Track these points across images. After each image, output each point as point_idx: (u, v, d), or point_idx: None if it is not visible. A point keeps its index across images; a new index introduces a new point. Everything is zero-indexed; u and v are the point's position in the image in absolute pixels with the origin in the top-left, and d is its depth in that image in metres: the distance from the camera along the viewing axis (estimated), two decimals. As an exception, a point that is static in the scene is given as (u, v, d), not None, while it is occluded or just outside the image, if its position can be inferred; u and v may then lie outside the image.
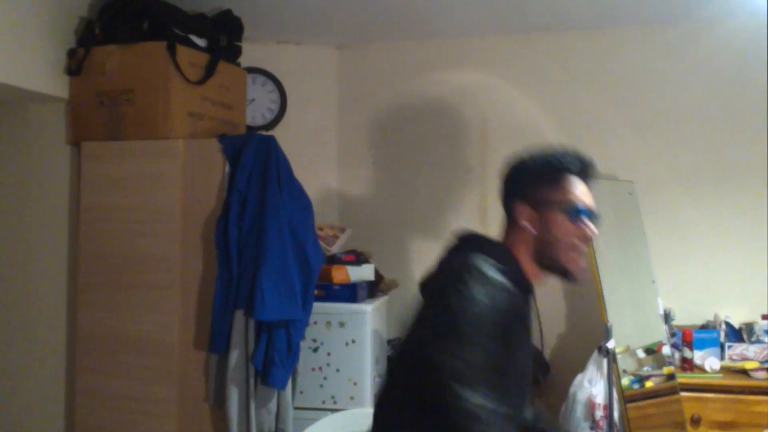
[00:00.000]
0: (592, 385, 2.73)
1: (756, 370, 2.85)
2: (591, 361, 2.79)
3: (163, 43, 2.71)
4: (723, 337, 3.02)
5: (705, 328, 3.09)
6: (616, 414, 2.55)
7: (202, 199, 2.70)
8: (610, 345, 2.49)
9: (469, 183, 3.47)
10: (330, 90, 3.67)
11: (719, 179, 3.23)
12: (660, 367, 2.86)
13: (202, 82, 2.84)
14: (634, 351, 2.84)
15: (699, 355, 2.95)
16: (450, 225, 3.32)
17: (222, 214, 2.64)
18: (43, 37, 2.69)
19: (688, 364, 2.94)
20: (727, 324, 3.05)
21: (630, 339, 2.82)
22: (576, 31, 3.39)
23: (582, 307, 3.19)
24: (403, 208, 3.54)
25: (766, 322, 3.02)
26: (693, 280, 3.22)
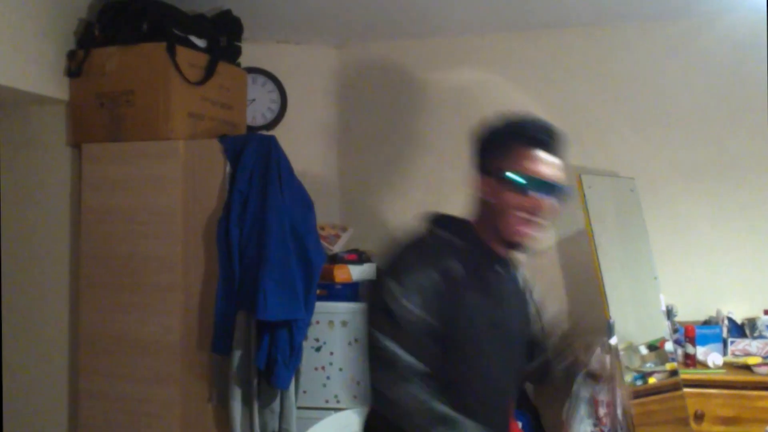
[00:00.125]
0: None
1: (759, 365, 2.84)
2: (594, 358, 2.79)
3: (162, 44, 2.71)
4: (725, 333, 3.01)
5: (707, 323, 3.09)
6: (619, 411, 2.55)
7: (203, 200, 2.70)
8: (613, 341, 2.49)
9: (471, 181, 3.46)
10: (330, 89, 3.67)
11: (721, 175, 3.22)
12: (663, 363, 2.85)
13: (202, 82, 2.84)
14: (637, 347, 2.84)
15: (702, 350, 2.95)
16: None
17: (223, 215, 2.64)
18: (43, 39, 2.70)
19: (690, 360, 2.94)
20: (730, 319, 3.04)
21: (632, 335, 2.81)
22: (576, 29, 3.38)
23: (584, 304, 3.18)
24: (405, 207, 3.53)
25: (769, 317, 3.02)
26: (695, 276, 3.21)
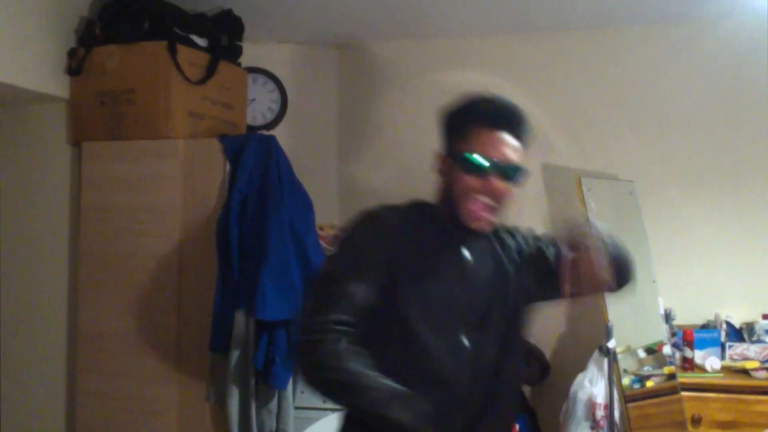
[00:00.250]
0: (592, 385, 2.73)
1: (757, 369, 2.84)
2: (592, 361, 2.79)
3: (163, 43, 2.71)
4: (724, 337, 3.01)
5: (706, 327, 3.09)
6: (616, 414, 2.55)
7: (202, 199, 2.70)
8: (611, 345, 2.49)
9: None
10: (330, 89, 3.67)
11: (720, 179, 3.22)
12: (661, 366, 2.86)
13: (202, 81, 2.84)
14: (635, 351, 2.84)
15: (700, 354, 2.95)
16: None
17: (223, 214, 2.64)
18: (44, 36, 2.70)
19: (688, 364, 2.94)
20: (728, 323, 3.04)
21: (630, 339, 2.81)
22: (577, 31, 3.38)
23: (582, 307, 3.19)
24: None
25: (767, 321, 3.02)
26: (694, 279, 3.21)
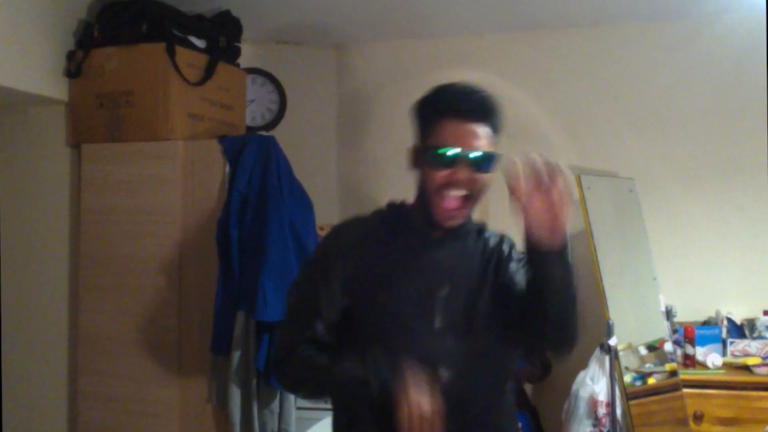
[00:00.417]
0: (594, 383, 2.73)
1: (758, 365, 2.84)
2: (593, 359, 2.79)
3: (162, 45, 2.71)
4: (725, 333, 3.01)
5: (707, 324, 3.09)
6: (618, 411, 2.56)
7: (202, 201, 2.70)
8: (612, 342, 2.49)
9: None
10: (329, 90, 3.67)
11: (720, 175, 3.22)
12: (662, 363, 2.86)
13: (201, 83, 2.84)
14: (636, 348, 2.84)
15: (701, 351, 2.95)
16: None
17: (223, 215, 2.64)
18: (42, 39, 2.69)
19: (690, 361, 2.94)
20: (729, 320, 3.04)
21: (632, 336, 2.81)
22: (575, 29, 3.38)
23: (583, 304, 3.18)
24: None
25: (768, 317, 3.02)
26: (694, 276, 3.22)
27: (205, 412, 2.68)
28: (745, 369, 2.86)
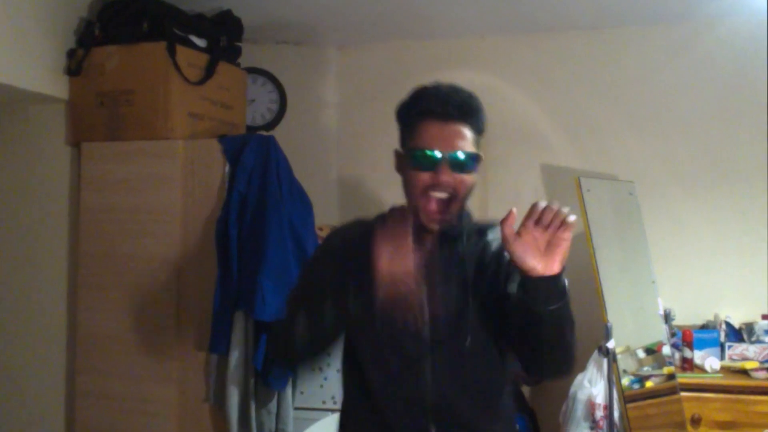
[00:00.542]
0: (592, 385, 2.73)
1: (756, 370, 2.84)
2: (591, 361, 2.79)
3: (162, 44, 2.71)
4: (723, 337, 3.01)
5: (705, 328, 3.09)
6: (616, 414, 2.55)
7: (202, 200, 2.70)
8: (611, 345, 2.49)
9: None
10: (330, 90, 3.67)
11: (720, 179, 3.22)
12: (660, 367, 2.86)
13: (201, 82, 2.84)
14: (635, 351, 2.84)
15: (699, 355, 2.95)
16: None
17: (222, 215, 2.64)
18: (43, 37, 2.69)
19: (688, 364, 2.94)
20: (728, 324, 3.04)
21: (630, 339, 2.81)
22: (576, 31, 3.38)
23: (582, 307, 3.17)
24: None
25: (766, 322, 3.02)
26: (693, 280, 3.22)
27: (203, 411, 2.68)
28: (743, 373, 2.86)
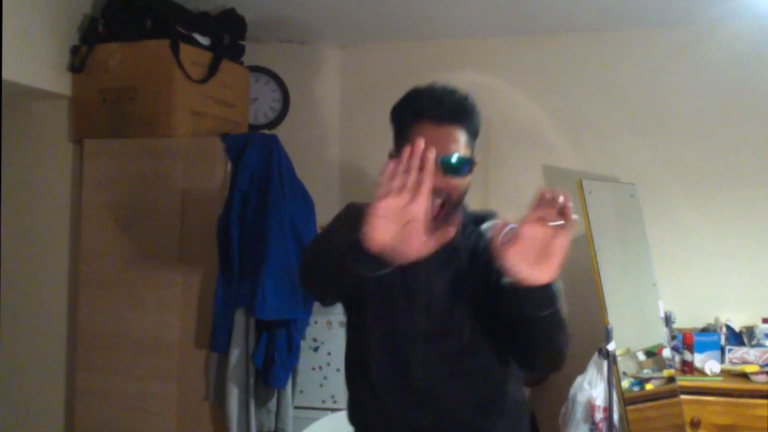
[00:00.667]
0: (592, 387, 2.73)
1: (756, 373, 2.84)
2: (591, 363, 2.79)
3: (166, 41, 2.71)
4: (723, 341, 3.01)
5: (705, 331, 3.09)
6: (615, 416, 2.55)
7: (203, 198, 2.70)
8: (611, 347, 2.49)
9: (471, 184, 3.46)
10: (333, 89, 3.67)
11: (721, 182, 3.22)
12: (660, 369, 2.85)
13: (205, 80, 2.85)
14: (635, 353, 2.84)
15: (699, 358, 2.95)
16: (451, 225, 3.32)
17: (224, 213, 2.64)
18: (47, 34, 2.70)
19: (688, 367, 2.94)
20: (728, 327, 3.04)
21: (630, 341, 2.81)
22: (579, 33, 3.38)
23: (582, 309, 3.18)
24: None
25: (767, 325, 3.02)
26: (694, 282, 3.21)
27: (203, 409, 2.68)
28: (743, 376, 2.86)
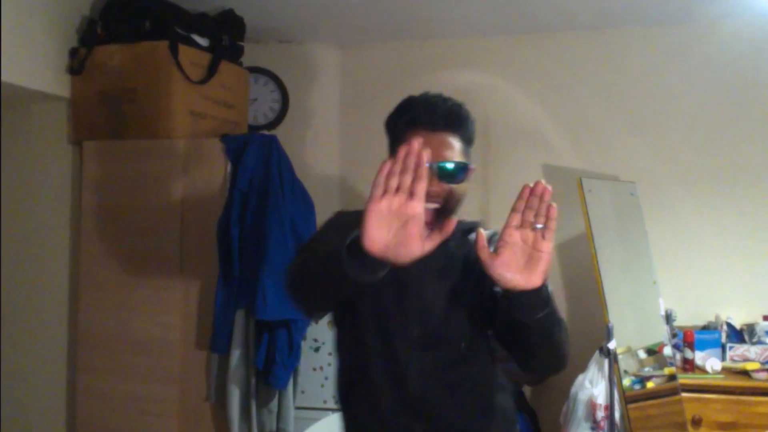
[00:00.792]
0: (593, 386, 2.73)
1: (757, 371, 2.84)
2: (592, 362, 2.79)
3: (165, 43, 2.71)
4: (724, 338, 3.01)
5: (706, 328, 3.09)
6: (617, 414, 2.55)
7: (203, 199, 2.70)
8: (612, 345, 2.49)
9: (471, 184, 3.46)
10: (332, 89, 3.67)
11: (721, 180, 3.22)
12: (661, 367, 2.85)
13: (204, 81, 2.85)
14: (636, 351, 2.84)
15: (700, 355, 2.95)
16: (451, 225, 3.32)
17: (224, 214, 2.64)
18: (46, 36, 2.70)
19: (689, 365, 2.94)
20: (729, 325, 3.04)
21: (631, 339, 2.81)
22: (578, 32, 3.38)
23: (583, 308, 3.19)
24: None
25: (768, 322, 3.02)
26: (694, 280, 3.21)
27: (204, 410, 2.68)
28: (744, 374, 2.86)
